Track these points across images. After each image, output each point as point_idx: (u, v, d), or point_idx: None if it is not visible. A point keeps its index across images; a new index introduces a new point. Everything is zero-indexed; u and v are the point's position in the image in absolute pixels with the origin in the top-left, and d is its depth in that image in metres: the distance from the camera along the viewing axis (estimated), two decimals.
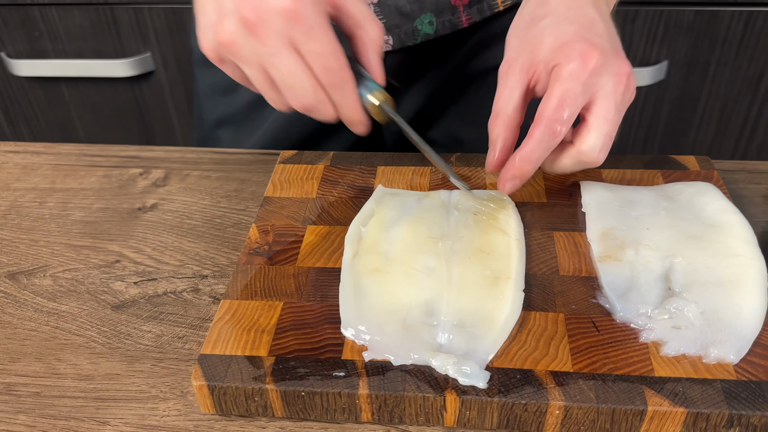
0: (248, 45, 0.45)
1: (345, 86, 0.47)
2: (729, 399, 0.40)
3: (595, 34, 0.48)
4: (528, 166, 0.49)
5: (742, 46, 1.06)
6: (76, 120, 1.28)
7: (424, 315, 0.45)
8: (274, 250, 0.52)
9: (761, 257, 0.47)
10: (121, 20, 1.15)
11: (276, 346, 0.44)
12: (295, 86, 0.46)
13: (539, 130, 0.47)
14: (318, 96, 0.47)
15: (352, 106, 0.49)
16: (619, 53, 0.49)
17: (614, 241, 0.49)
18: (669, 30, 1.06)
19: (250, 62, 0.46)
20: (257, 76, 0.47)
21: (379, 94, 0.50)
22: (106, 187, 0.66)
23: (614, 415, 0.40)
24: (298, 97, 0.47)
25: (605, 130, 0.48)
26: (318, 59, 0.46)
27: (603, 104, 0.48)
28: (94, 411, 0.46)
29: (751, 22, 1.04)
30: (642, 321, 0.44)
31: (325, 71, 0.46)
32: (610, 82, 0.47)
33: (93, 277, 0.56)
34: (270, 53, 0.45)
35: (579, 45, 0.47)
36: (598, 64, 0.47)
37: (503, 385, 0.41)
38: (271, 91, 0.48)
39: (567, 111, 0.47)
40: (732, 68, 1.09)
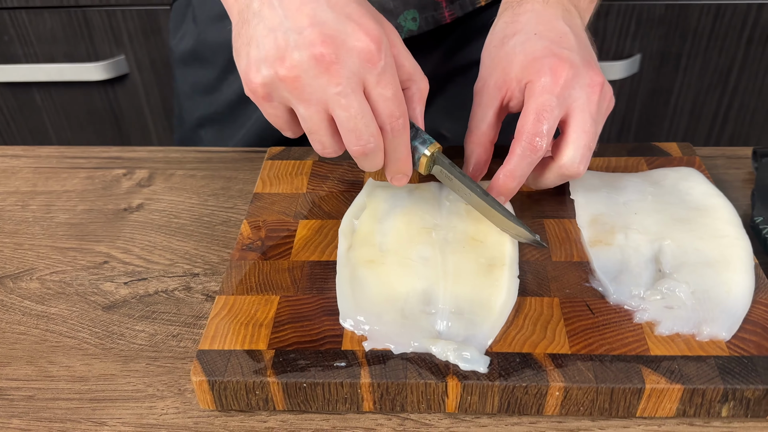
0: (316, 83, 0.42)
1: (403, 134, 0.46)
2: (723, 374, 0.41)
3: (565, 48, 0.49)
4: (512, 182, 0.49)
5: (712, 38, 1.09)
6: (49, 125, 1.26)
7: (422, 304, 0.45)
8: (267, 245, 0.52)
9: (746, 237, 0.49)
10: (93, 23, 1.13)
11: (275, 339, 0.44)
12: (360, 129, 0.43)
13: (520, 146, 0.48)
14: (378, 141, 0.45)
15: (405, 156, 0.47)
16: (590, 64, 0.49)
17: (604, 226, 0.50)
18: (641, 24, 1.08)
19: (311, 101, 0.43)
20: (315, 117, 0.44)
21: (432, 146, 0.48)
22: (89, 188, 0.65)
23: (613, 395, 0.41)
24: (360, 140, 0.44)
25: (583, 141, 0.48)
26: (386, 104, 0.44)
27: (579, 116, 0.48)
28: (90, 412, 0.45)
29: (720, 14, 1.06)
30: (635, 302, 0.45)
31: (389, 117, 0.44)
32: (583, 93, 0.48)
33: (81, 278, 0.55)
34: (340, 93, 0.42)
35: (548, 60, 0.48)
36: (569, 77, 0.47)
37: (503, 369, 0.42)
38: (325, 133, 0.45)
39: (545, 125, 0.47)
40: (703, 60, 1.11)
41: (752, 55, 1.10)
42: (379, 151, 0.45)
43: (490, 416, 0.43)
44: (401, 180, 0.49)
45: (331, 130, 0.45)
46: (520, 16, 0.53)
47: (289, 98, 0.44)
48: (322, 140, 0.45)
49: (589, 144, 0.48)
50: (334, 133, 0.45)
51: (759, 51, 1.10)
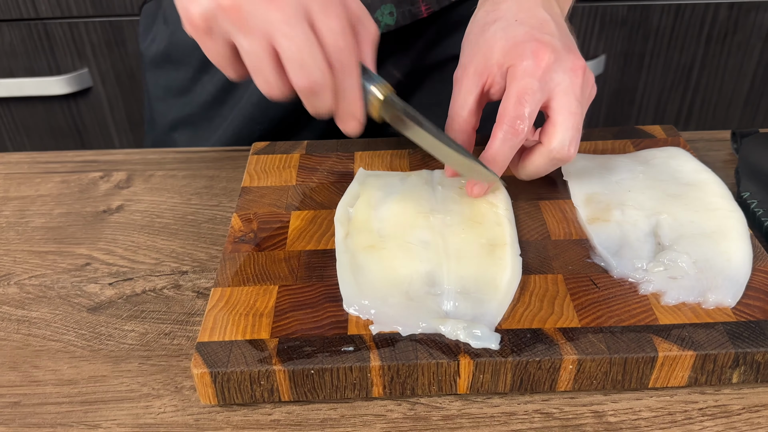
0: (259, 12, 0.41)
1: (353, 71, 0.44)
2: (733, 339, 0.41)
3: (546, 33, 0.49)
4: (494, 167, 0.48)
5: (673, 37, 1.12)
6: (8, 142, 1.21)
7: (427, 285, 0.44)
8: (260, 237, 0.50)
9: (739, 209, 0.49)
10: (55, 36, 1.11)
11: (277, 328, 0.43)
12: (306, 61, 0.42)
13: (501, 129, 0.47)
14: (326, 77, 0.43)
15: (355, 96, 0.45)
16: (571, 50, 0.49)
17: (599, 204, 0.50)
18: (605, 25, 1.10)
19: (254, 32, 0.41)
20: (257, 49, 0.42)
21: (384, 87, 0.47)
22: (65, 192, 0.62)
23: (626, 365, 0.40)
24: (307, 74, 0.42)
25: (571, 123, 0.47)
26: (332, 36, 0.42)
27: (563, 99, 0.47)
28: (82, 415, 0.42)
29: (680, 14, 1.10)
30: (639, 275, 0.45)
31: (337, 50, 0.43)
32: (566, 77, 0.47)
33: (63, 281, 0.52)
34: (284, 21, 0.41)
35: (530, 44, 0.47)
36: (550, 61, 0.47)
37: (515, 345, 0.41)
38: (269, 68, 0.43)
39: (527, 107, 0.46)
40: (665, 59, 1.14)
41: (711, 52, 1.14)
42: (327, 89, 0.43)
43: (502, 396, 0.43)
44: (353, 125, 0.47)
45: (276, 66, 0.43)
46: (500, 5, 0.53)
47: (231, 30, 0.42)
48: (267, 77, 0.43)
49: (576, 126, 0.48)
50: (279, 68, 0.43)
51: (717, 48, 1.13)
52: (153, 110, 0.79)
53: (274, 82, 0.44)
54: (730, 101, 1.18)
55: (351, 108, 0.46)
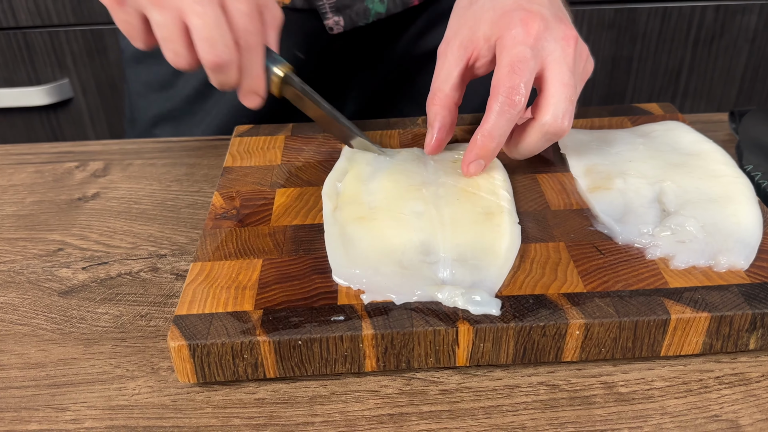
0: None
1: (258, 50, 0.47)
2: (749, 300, 0.38)
3: (535, 3, 0.47)
4: (491, 142, 0.45)
5: (660, 40, 1.11)
6: None
7: (421, 254, 0.41)
8: (243, 213, 0.47)
9: (744, 176, 0.47)
10: (34, 45, 1.08)
11: (262, 299, 0.40)
12: (215, 39, 0.44)
13: (497, 101, 0.44)
14: (233, 55, 0.45)
15: (258, 73, 0.48)
16: (562, 20, 0.47)
17: (600, 174, 0.48)
18: (592, 28, 1.10)
19: (167, 7, 0.44)
20: (169, 23, 0.44)
21: (284, 66, 0.50)
22: (38, 181, 0.59)
23: (637, 329, 0.38)
24: (214, 51, 0.44)
25: (564, 95, 0.45)
26: (242, 18, 0.45)
27: (555, 69, 0.45)
28: (50, 398, 0.39)
29: (667, 17, 1.09)
30: (645, 240, 0.42)
31: (245, 32, 0.45)
32: (557, 46, 0.45)
33: (33, 266, 0.49)
34: (197, 0, 0.43)
35: (518, 14, 0.46)
36: (540, 29, 0.45)
37: (517, 311, 0.38)
38: (178, 41, 0.45)
39: (520, 77, 0.44)
40: (653, 63, 1.13)
41: (699, 55, 1.13)
42: (232, 66, 0.46)
43: (504, 368, 0.40)
44: (254, 100, 0.49)
45: (185, 40, 0.45)
46: None
47: (144, 3, 0.44)
48: (176, 49, 0.46)
49: (570, 97, 0.45)
50: (188, 43, 0.45)
51: (705, 51, 1.13)
52: (133, 107, 0.76)
53: (183, 54, 0.46)
54: (719, 105, 1.17)
55: (254, 84, 0.48)
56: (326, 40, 0.68)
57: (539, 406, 0.37)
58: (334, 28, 0.67)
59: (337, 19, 0.66)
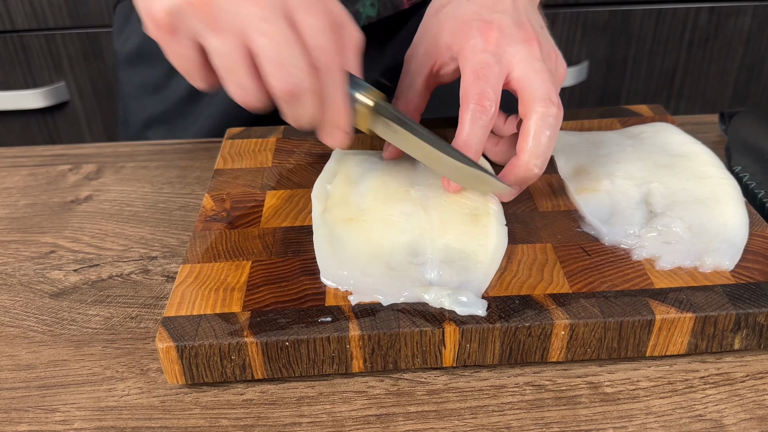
0: (231, 6, 0.36)
1: (338, 73, 0.39)
2: (733, 300, 0.39)
3: (497, 12, 0.46)
4: (468, 152, 0.44)
5: (655, 42, 1.12)
6: None
7: (409, 255, 0.42)
8: (233, 215, 0.48)
9: (732, 177, 0.47)
10: (31, 48, 1.09)
11: (250, 301, 0.40)
12: (286, 61, 0.37)
13: (467, 110, 0.43)
14: (309, 80, 0.38)
15: (341, 102, 0.40)
16: (524, 26, 0.46)
17: (588, 176, 0.48)
18: (587, 30, 1.10)
19: (226, 29, 0.37)
20: (230, 49, 0.37)
21: (373, 94, 0.42)
22: (32, 184, 0.60)
23: (622, 330, 0.38)
24: (287, 75, 0.37)
25: (540, 77, 0.43)
26: (315, 35, 0.38)
27: (524, 64, 0.44)
28: (39, 399, 0.39)
29: (661, 18, 1.10)
30: (631, 241, 0.43)
31: (320, 50, 0.38)
32: (521, 47, 0.44)
33: (25, 269, 0.49)
34: (261, 17, 0.36)
35: (475, 23, 0.45)
36: (498, 37, 0.44)
37: (503, 312, 0.38)
38: (243, 70, 0.38)
39: (486, 82, 0.43)
40: (648, 65, 1.14)
41: (693, 57, 1.14)
42: (310, 93, 0.38)
43: (491, 369, 0.40)
44: (340, 137, 0.42)
45: (251, 68, 0.38)
46: None
47: (199, 28, 0.37)
48: (241, 81, 0.38)
49: (549, 78, 0.44)
50: (254, 71, 0.38)
51: (699, 53, 1.13)
52: (127, 110, 0.77)
53: (250, 86, 0.38)
54: (713, 106, 1.17)
55: (336, 117, 0.41)
56: None
57: (525, 407, 0.38)
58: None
59: None
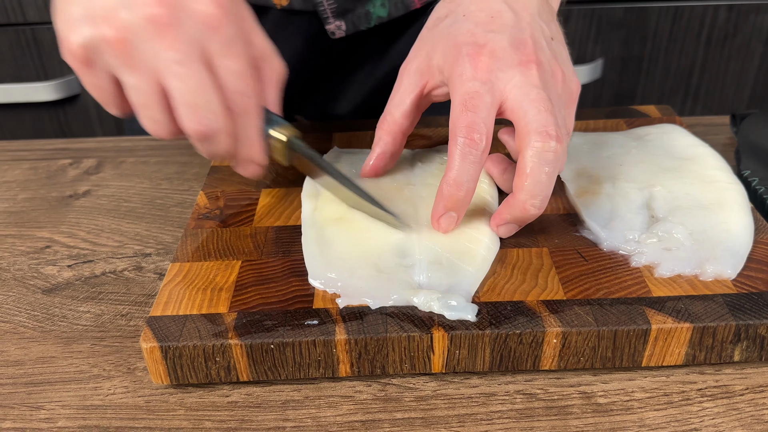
0: (148, 47, 0.36)
1: (253, 114, 0.40)
2: (733, 311, 0.37)
3: (492, 31, 0.42)
4: (459, 191, 0.40)
5: (671, 40, 1.09)
6: None
7: (397, 257, 0.41)
8: (226, 214, 0.47)
9: (738, 182, 0.46)
10: (43, 41, 1.09)
11: (237, 302, 0.39)
12: (199, 104, 0.37)
13: (456, 144, 0.40)
14: (222, 121, 0.39)
15: (255, 140, 0.41)
16: (520, 45, 0.42)
17: (589, 178, 0.47)
18: (602, 28, 1.08)
19: (141, 69, 0.37)
20: (145, 87, 0.37)
21: (286, 130, 0.43)
22: (32, 178, 0.59)
23: (616, 339, 0.37)
24: (200, 118, 0.38)
25: (538, 107, 0.40)
26: (232, 78, 0.38)
27: (518, 92, 0.40)
28: (26, 396, 0.39)
29: (678, 16, 1.07)
30: (630, 246, 0.41)
31: (237, 94, 0.39)
32: (515, 72, 0.41)
33: (20, 263, 0.49)
34: (177, 60, 0.36)
35: (466, 48, 0.42)
36: (489, 62, 0.41)
37: (494, 318, 0.37)
38: (156, 107, 0.38)
39: (475, 113, 0.40)
40: (663, 63, 1.11)
41: (711, 56, 1.11)
42: (222, 134, 0.39)
43: (481, 375, 0.39)
44: (252, 169, 0.43)
45: (165, 105, 0.38)
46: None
47: (115, 64, 0.37)
48: (154, 116, 0.39)
49: (547, 107, 0.40)
50: (167, 108, 0.38)
51: (717, 52, 1.11)
52: None
53: (163, 121, 0.39)
54: (731, 106, 1.15)
55: (250, 152, 0.42)
56: (326, 42, 0.67)
57: (514, 416, 0.37)
58: (335, 33, 0.66)
59: (339, 24, 0.66)
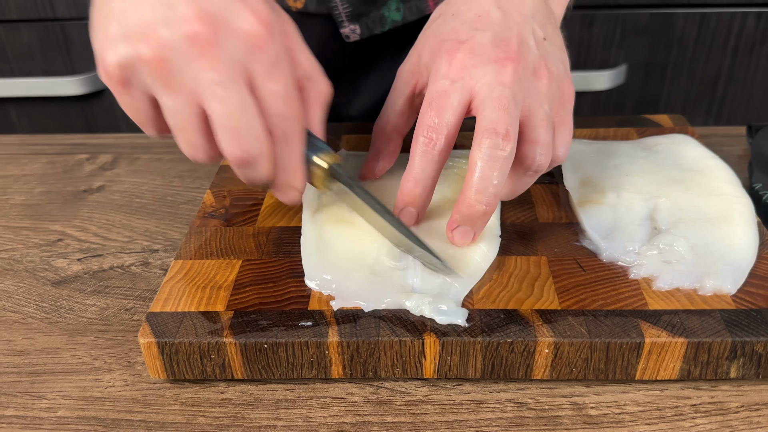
0: (188, 67, 0.34)
1: (296, 140, 0.38)
2: (730, 327, 0.37)
3: (477, 29, 0.42)
4: (416, 188, 0.41)
5: (698, 47, 1.08)
6: None
7: (393, 260, 0.41)
8: (231, 213, 0.48)
9: (746, 195, 0.45)
10: (71, 37, 1.11)
11: (234, 300, 0.40)
12: (241, 129, 0.36)
13: (417, 142, 0.40)
14: (264, 147, 0.37)
15: (296, 167, 0.40)
16: (502, 43, 0.41)
17: (594, 188, 0.47)
18: (626, 33, 1.07)
19: (180, 90, 0.35)
20: (184, 110, 0.36)
21: (329, 156, 0.42)
22: (49, 172, 0.61)
23: (609, 351, 0.37)
24: (241, 143, 0.36)
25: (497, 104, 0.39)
26: (276, 102, 0.37)
27: (485, 89, 0.39)
28: (29, 385, 0.40)
29: (705, 22, 1.06)
30: (630, 258, 0.41)
31: (280, 118, 0.37)
32: (488, 70, 0.40)
33: (32, 255, 0.51)
34: (218, 82, 0.35)
35: (447, 44, 0.42)
36: (466, 59, 0.40)
37: (486, 325, 0.37)
38: (195, 131, 0.37)
39: (438, 112, 0.40)
40: (689, 70, 1.10)
41: (738, 64, 1.09)
42: (264, 159, 0.37)
43: (473, 382, 0.39)
44: (291, 195, 0.41)
45: (204, 129, 0.37)
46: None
47: (152, 85, 0.36)
48: (192, 140, 0.37)
49: (506, 106, 0.38)
50: (207, 131, 0.37)
51: (745, 60, 1.09)
52: None
53: (201, 145, 0.38)
54: (758, 116, 1.12)
55: (290, 179, 0.40)
56: (341, 45, 0.68)
57: (503, 424, 0.37)
58: (350, 36, 0.66)
59: (354, 27, 0.66)
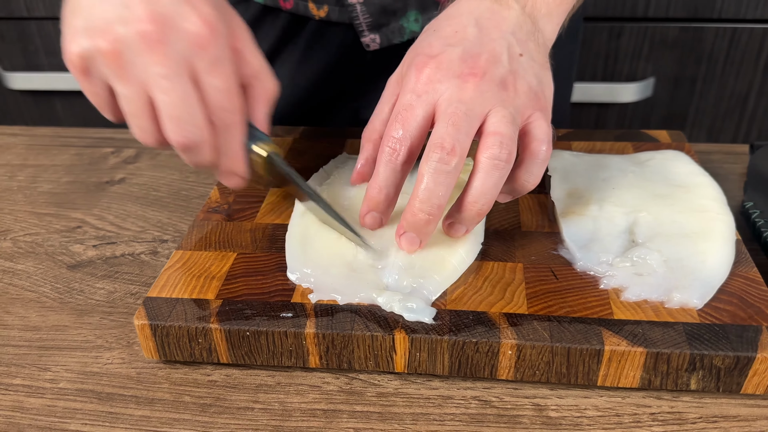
0: (139, 60, 0.39)
1: (236, 130, 0.43)
2: (691, 340, 0.38)
3: (451, 44, 0.43)
4: (379, 194, 0.43)
5: (728, 62, 1.07)
6: None
7: (372, 259, 0.44)
8: (233, 209, 0.51)
9: (730, 213, 0.46)
10: None
11: (225, 290, 0.43)
12: (183, 118, 0.40)
13: (381, 152, 0.43)
14: (204, 135, 0.41)
15: (237, 154, 0.44)
16: (470, 59, 0.42)
17: (579, 199, 0.48)
18: (654, 46, 1.07)
19: (131, 80, 0.39)
20: (135, 98, 0.40)
21: (268, 146, 0.45)
22: (76, 163, 0.65)
23: (570, 356, 0.38)
24: (182, 130, 0.40)
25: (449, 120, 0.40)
26: (217, 95, 0.41)
27: (444, 104, 0.41)
28: (36, 358, 0.44)
29: (736, 38, 1.05)
30: (602, 268, 0.43)
31: (220, 110, 0.41)
32: (451, 85, 0.41)
33: (53, 240, 0.55)
34: (163, 75, 0.39)
35: (419, 58, 0.44)
36: (432, 74, 0.42)
37: (455, 325, 0.39)
38: (144, 117, 0.41)
39: (402, 124, 0.42)
40: (719, 85, 1.09)
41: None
42: (204, 146, 0.41)
43: (443, 379, 0.41)
44: (234, 180, 0.45)
45: (152, 115, 0.41)
46: (445, 10, 0.48)
47: (109, 75, 0.40)
48: (142, 125, 0.42)
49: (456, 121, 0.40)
50: (154, 118, 0.41)
51: None
52: None
53: (149, 130, 0.42)
54: None
55: (232, 165, 0.44)
56: (360, 53, 0.71)
57: (465, 419, 0.39)
58: (370, 45, 0.69)
59: (374, 37, 0.69)
